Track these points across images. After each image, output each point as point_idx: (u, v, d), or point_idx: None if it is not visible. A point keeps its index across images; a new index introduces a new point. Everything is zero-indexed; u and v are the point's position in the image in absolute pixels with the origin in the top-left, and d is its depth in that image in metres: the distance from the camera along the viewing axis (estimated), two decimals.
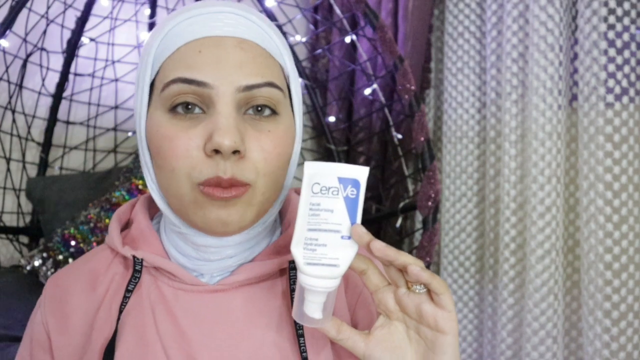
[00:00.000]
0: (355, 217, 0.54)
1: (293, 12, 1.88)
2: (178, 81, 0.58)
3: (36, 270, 1.51)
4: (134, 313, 0.65)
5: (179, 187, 0.59)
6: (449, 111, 1.68)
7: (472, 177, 1.65)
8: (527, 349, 1.38)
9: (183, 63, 0.59)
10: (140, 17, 1.91)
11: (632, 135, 1.29)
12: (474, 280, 1.66)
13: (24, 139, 1.78)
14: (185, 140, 0.58)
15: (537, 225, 1.37)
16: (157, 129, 0.60)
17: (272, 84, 0.60)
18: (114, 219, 0.71)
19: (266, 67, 0.60)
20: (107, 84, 1.92)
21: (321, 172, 0.55)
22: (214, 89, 0.58)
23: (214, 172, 0.57)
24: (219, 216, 0.59)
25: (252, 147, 0.59)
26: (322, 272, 0.53)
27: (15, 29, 1.60)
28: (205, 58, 0.58)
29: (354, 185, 0.54)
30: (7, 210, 1.77)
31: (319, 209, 0.54)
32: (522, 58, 1.45)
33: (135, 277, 0.65)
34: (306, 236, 0.54)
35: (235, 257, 0.66)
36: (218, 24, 0.60)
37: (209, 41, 0.59)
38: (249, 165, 0.58)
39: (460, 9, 1.65)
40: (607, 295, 1.27)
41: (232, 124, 0.57)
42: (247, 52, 0.59)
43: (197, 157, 0.58)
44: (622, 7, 1.27)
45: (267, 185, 0.60)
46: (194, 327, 0.63)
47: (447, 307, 0.55)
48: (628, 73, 1.29)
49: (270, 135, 0.60)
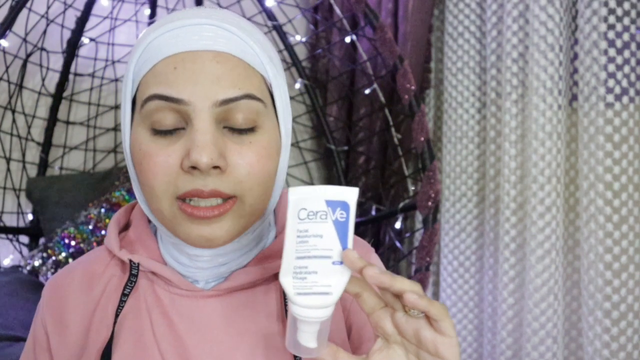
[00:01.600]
0: (346, 241, 0.51)
1: (293, 12, 1.88)
2: (155, 98, 0.58)
3: (36, 270, 1.51)
4: (131, 317, 0.65)
5: (159, 203, 0.59)
6: (449, 111, 1.68)
7: (472, 177, 1.65)
8: (527, 349, 1.38)
9: (159, 79, 0.58)
10: (140, 17, 1.91)
11: (632, 135, 1.29)
12: (474, 280, 1.66)
13: (24, 139, 1.78)
14: (164, 158, 0.58)
15: (537, 225, 1.37)
16: (139, 147, 0.60)
17: (250, 96, 0.59)
18: (112, 221, 0.71)
19: (245, 78, 0.59)
20: (107, 84, 1.92)
21: (307, 196, 0.52)
22: (191, 105, 0.57)
23: (192, 185, 0.57)
24: (201, 233, 0.59)
25: (234, 161, 0.58)
26: (314, 301, 0.51)
27: (15, 29, 1.60)
28: (181, 74, 0.58)
29: (342, 207, 0.52)
30: (7, 210, 1.77)
31: (307, 235, 0.52)
32: (522, 58, 1.45)
33: (131, 282, 0.65)
34: (295, 265, 0.51)
35: (229, 264, 0.65)
36: (195, 37, 0.59)
37: (185, 56, 0.58)
38: (231, 179, 0.58)
39: (460, 9, 1.65)
40: (607, 295, 1.27)
41: (209, 139, 0.56)
42: (224, 64, 0.58)
43: (176, 174, 0.58)
44: (622, 7, 1.27)
45: (254, 197, 0.60)
46: (190, 332, 0.63)
47: (448, 333, 0.52)
48: (628, 73, 1.29)
49: (252, 146, 0.59)
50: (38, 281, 1.49)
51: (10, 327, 1.22)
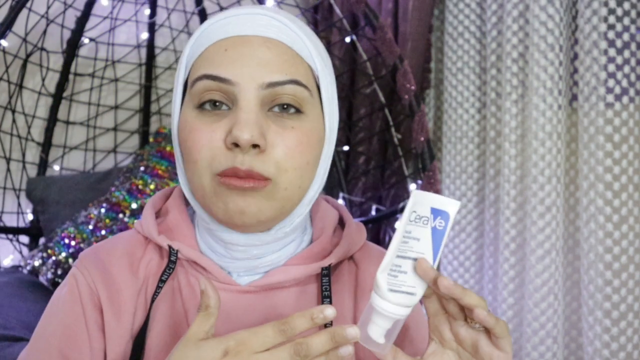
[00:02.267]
0: (438, 248, 0.55)
1: (293, 12, 1.88)
2: (204, 78, 0.60)
3: (36, 270, 1.51)
4: (165, 304, 0.65)
5: (200, 178, 0.61)
6: (449, 111, 1.68)
7: (472, 177, 1.65)
8: (527, 349, 1.39)
9: (210, 61, 0.61)
10: (140, 17, 1.91)
11: (632, 135, 1.29)
12: (474, 280, 1.66)
13: (24, 139, 1.78)
14: (208, 133, 0.59)
15: (537, 225, 1.37)
16: (185, 124, 0.62)
17: (296, 82, 0.60)
18: (148, 205, 0.71)
19: (291, 65, 0.61)
20: (107, 84, 1.92)
21: (420, 200, 0.56)
22: (237, 86, 0.59)
23: (231, 163, 0.58)
24: (237, 204, 0.59)
25: (274, 142, 0.59)
26: (401, 299, 0.54)
27: (15, 29, 1.60)
28: (231, 56, 0.60)
29: (443, 217, 0.55)
30: (7, 210, 1.76)
31: (409, 237, 0.55)
32: (522, 58, 1.45)
33: (169, 268, 0.65)
34: (393, 262, 0.55)
35: (263, 259, 0.65)
36: (248, 24, 0.61)
37: (236, 40, 0.61)
38: (269, 159, 0.59)
39: (460, 9, 1.65)
40: (607, 295, 1.27)
41: (252, 118, 0.58)
42: (272, 50, 0.60)
43: (218, 149, 0.59)
44: (622, 7, 1.27)
45: (289, 181, 0.61)
46: (224, 325, 0.63)
47: (506, 350, 0.55)
48: (628, 73, 1.29)
49: (294, 131, 0.60)
50: (38, 281, 1.49)
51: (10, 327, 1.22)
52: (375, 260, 0.70)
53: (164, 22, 1.94)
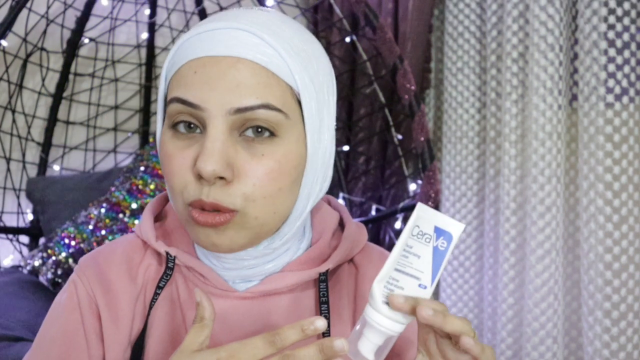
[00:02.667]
0: (438, 269, 0.54)
1: (293, 12, 1.88)
2: (175, 101, 0.58)
3: (36, 270, 1.51)
4: (164, 310, 0.65)
5: (176, 204, 0.60)
6: (449, 111, 1.68)
7: (472, 177, 1.65)
8: (527, 349, 1.38)
9: (181, 82, 0.58)
10: (140, 17, 1.91)
11: (632, 135, 1.29)
12: (474, 280, 1.66)
13: (24, 139, 1.78)
14: (180, 160, 0.58)
15: (537, 225, 1.36)
16: (162, 146, 0.61)
17: (268, 106, 0.57)
18: (147, 209, 0.70)
19: (265, 87, 0.57)
20: (107, 84, 1.92)
21: (425, 216, 0.55)
22: (206, 111, 0.57)
23: (198, 194, 0.57)
24: (209, 238, 0.59)
25: (241, 171, 0.57)
26: (395, 314, 0.53)
27: (15, 29, 1.60)
28: (200, 79, 0.57)
29: (446, 238, 0.54)
30: (7, 210, 1.76)
31: (409, 252, 0.54)
32: (522, 58, 1.45)
33: (167, 275, 0.65)
34: (391, 275, 0.54)
35: (257, 268, 0.64)
36: (218, 42, 0.58)
37: (206, 61, 0.57)
38: (235, 191, 0.57)
39: (460, 9, 1.65)
40: (607, 295, 1.27)
41: (217, 148, 0.56)
42: (243, 72, 0.57)
43: (188, 178, 0.58)
44: (622, 7, 1.27)
45: (259, 210, 0.58)
46: (221, 331, 0.63)
47: None
48: (628, 73, 1.29)
49: (264, 159, 0.58)
50: (38, 281, 1.49)
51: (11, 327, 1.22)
52: (376, 263, 0.69)
53: (164, 22, 1.94)
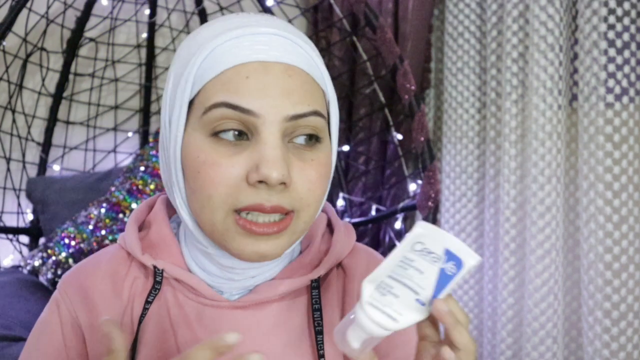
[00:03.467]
0: (441, 291, 0.52)
1: (293, 12, 1.87)
2: (222, 106, 0.56)
3: (36, 270, 1.51)
4: (153, 324, 0.64)
5: (213, 214, 0.58)
6: (449, 111, 1.68)
7: (472, 177, 1.65)
8: (527, 349, 1.38)
9: (228, 87, 0.57)
10: (140, 17, 1.91)
11: (632, 135, 1.29)
12: (474, 280, 1.66)
13: (24, 139, 1.78)
14: (228, 168, 0.56)
15: (537, 225, 1.36)
16: (197, 154, 0.58)
17: (317, 113, 0.59)
18: (131, 220, 0.69)
19: (312, 94, 0.59)
20: (107, 84, 1.92)
21: (431, 235, 0.54)
22: (260, 118, 0.56)
23: (255, 199, 0.56)
24: (257, 249, 0.58)
25: (297, 177, 0.58)
26: (379, 318, 0.52)
27: (15, 29, 1.60)
28: (252, 84, 0.56)
29: (457, 264, 0.53)
30: (7, 210, 1.76)
31: (410, 265, 0.53)
32: (522, 58, 1.45)
33: (155, 289, 0.64)
34: (383, 280, 0.53)
35: (257, 277, 0.65)
36: (264, 47, 0.58)
37: (255, 66, 0.57)
38: (293, 195, 0.58)
39: (460, 9, 1.65)
40: (607, 295, 1.27)
41: (279, 155, 0.56)
42: (294, 79, 0.58)
43: (239, 186, 0.56)
44: (622, 7, 1.27)
45: (309, 214, 0.60)
46: None
47: None
48: (628, 73, 1.29)
49: (314, 164, 0.59)
50: (38, 281, 1.49)
51: (10, 327, 1.22)
52: (364, 264, 0.69)
53: (164, 22, 1.94)
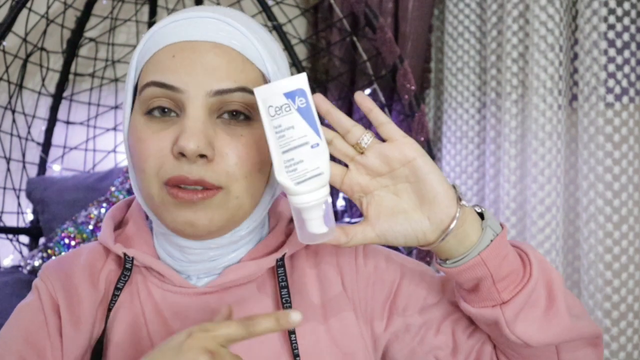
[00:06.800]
0: (314, 123, 0.55)
1: (293, 12, 1.88)
2: (152, 85, 0.59)
3: (36, 270, 1.51)
4: (124, 312, 0.65)
5: (149, 187, 0.60)
6: (449, 111, 1.68)
7: (472, 177, 1.65)
8: None
9: (158, 67, 0.60)
10: (140, 17, 1.91)
11: (632, 135, 1.29)
12: None
13: (24, 139, 1.78)
14: (156, 142, 0.59)
15: (537, 225, 1.37)
16: (134, 131, 0.61)
17: (245, 89, 0.60)
18: (107, 216, 0.71)
19: (241, 71, 0.60)
20: (107, 84, 1.92)
21: (270, 93, 0.55)
22: (185, 93, 0.58)
23: (178, 171, 0.58)
24: (186, 217, 0.59)
25: (223, 151, 0.59)
26: (312, 185, 0.55)
27: (15, 29, 1.60)
28: (178, 62, 0.59)
29: (300, 95, 0.55)
30: (7, 210, 1.76)
31: (282, 130, 0.55)
32: (522, 58, 1.45)
33: (124, 275, 0.65)
34: (284, 159, 0.55)
35: (220, 260, 0.65)
36: (196, 28, 0.60)
37: (184, 45, 0.60)
38: (219, 169, 0.59)
39: (460, 9, 1.65)
40: (607, 295, 1.27)
41: (198, 127, 0.57)
42: (221, 57, 0.60)
43: (166, 157, 0.59)
44: (622, 7, 1.27)
45: (241, 190, 0.60)
46: (183, 328, 0.63)
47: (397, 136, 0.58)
48: (628, 73, 1.29)
49: (243, 139, 0.60)
50: None
51: None
52: None
53: None
